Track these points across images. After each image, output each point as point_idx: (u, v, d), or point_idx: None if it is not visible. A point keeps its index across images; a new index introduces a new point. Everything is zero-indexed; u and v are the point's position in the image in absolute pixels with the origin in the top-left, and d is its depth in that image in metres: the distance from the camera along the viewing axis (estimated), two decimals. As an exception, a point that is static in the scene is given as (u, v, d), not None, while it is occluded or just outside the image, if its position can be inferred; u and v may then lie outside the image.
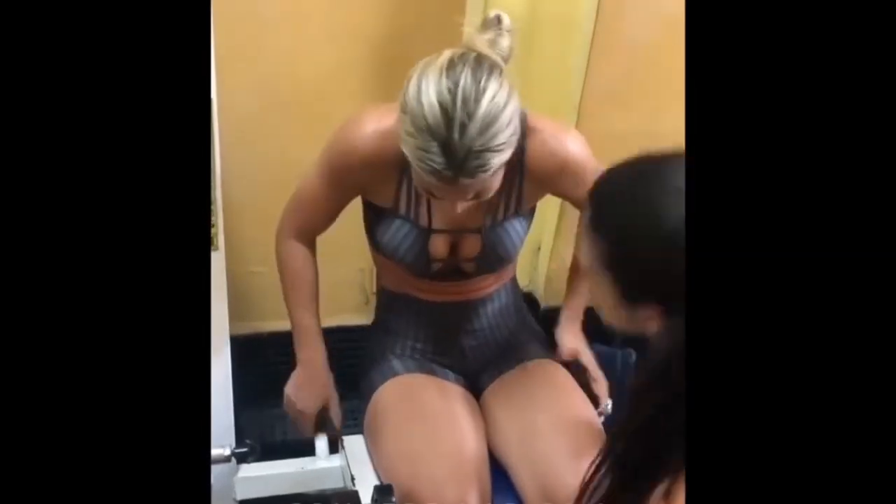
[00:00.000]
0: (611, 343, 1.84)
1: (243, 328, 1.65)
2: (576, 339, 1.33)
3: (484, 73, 0.93)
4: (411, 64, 0.98)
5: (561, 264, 1.38)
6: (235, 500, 1.25)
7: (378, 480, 1.16)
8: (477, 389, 1.31)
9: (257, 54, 1.49)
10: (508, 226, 1.18)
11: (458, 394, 1.27)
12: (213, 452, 1.18)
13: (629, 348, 1.82)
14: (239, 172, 1.45)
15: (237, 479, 1.24)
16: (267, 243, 1.24)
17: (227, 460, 1.21)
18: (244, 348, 1.56)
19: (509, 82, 0.96)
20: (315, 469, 1.25)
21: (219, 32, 1.26)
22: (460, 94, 0.92)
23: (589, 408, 1.26)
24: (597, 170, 1.16)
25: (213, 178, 1.30)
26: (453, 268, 1.21)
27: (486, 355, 1.32)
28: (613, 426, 0.85)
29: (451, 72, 0.93)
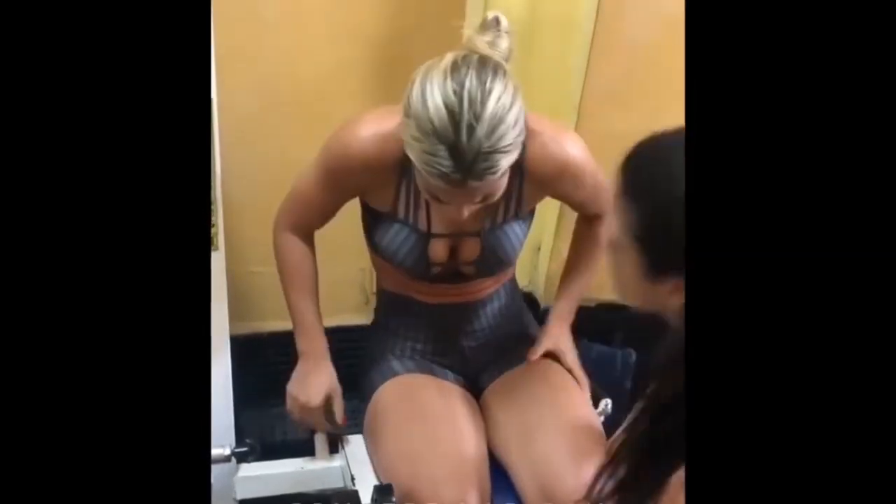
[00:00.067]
0: (611, 343, 1.85)
1: (243, 328, 1.65)
2: (560, 339, 1.31)
3: (489, 74, 0.92)
4: (411, 64, 0.97)
5: (561, 264, 1.37)
6: (235, 499, 1.25)
7: (378, 480, 1.15)
8: (477, 389, 1.31)
9: (257, 54, 1.49)
10: (508, 229, 1.18)
11: (458, 394, 1.27)
12: (213, 452, 1.18)
13: (629, 348, 1.83)
14: (239, 172, 1.45)
15: (237, 478, 1.24)
16: (267, 243, 1.24)
17: (228, 460, 1.21)
18: (244, 348, 1.56)
19: (514, 83, 0.95)
20: (315, 469, 1.26)
21: (219, 32, 1.26)
22: (466, 96, 0.90)
23: (589, 408, 1.26)
24: (596, 172, 1.17)
25: (213, 178, 1.30)
26: (453, 271, 1.20)
27: (486, 355, 1.32)
28: (638, 405, 0.84)
29: (455, 74, 0.92)
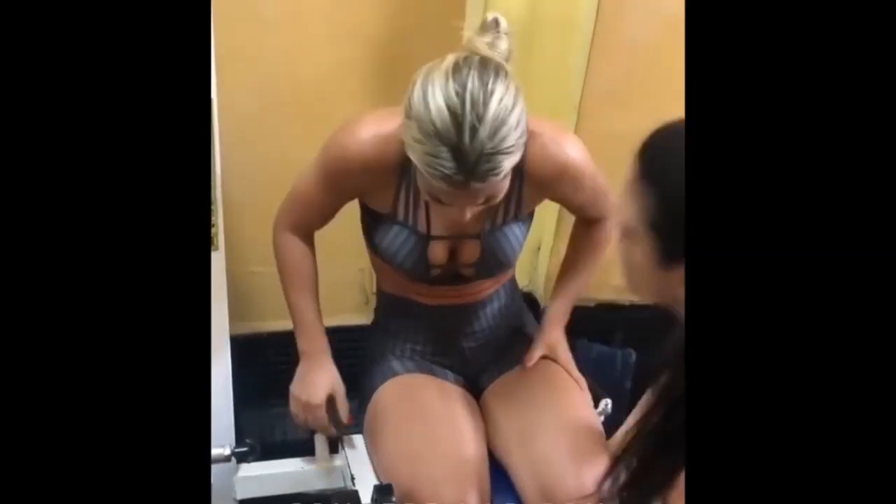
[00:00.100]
0: (611, 343, 1.85)
1: (243, 328, 1.65)
2: (555, 342, 1.31)
3: (491, 75, 0.92)
4: (411, 64, 0.97)
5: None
6: (235, 499, 1.25)
7: (378, 480, 1.15)
8: (477, 389, 1.31)
9: (257, 54, 1.49)
10: (507, 230, 1.17)
11: (458, 394, 1.27)
12: (213, 452, 1.19)
13: (629, 348, 1.83)
14: (239, 172, 1.45)
15: (237, 478, 1.24)
16: (267, 243, 1.24)
17: (228, 460, 1.21)
18: (244, 348, 1.56)
19: (515, 84, 0.95)
20: (315, 469, 1.26)
21: (219, 32, 1.26)
22: (468, 97, 0.90)
23: (589, 408, 1.26)
24: (595, 175, 1.16)
25: (213, 178, 1.30)
26: (452, 273, 1.20)
27: (486, 356, 1.31)
28: (649, 398, 0.84)
29: (457, 75, 0.91)
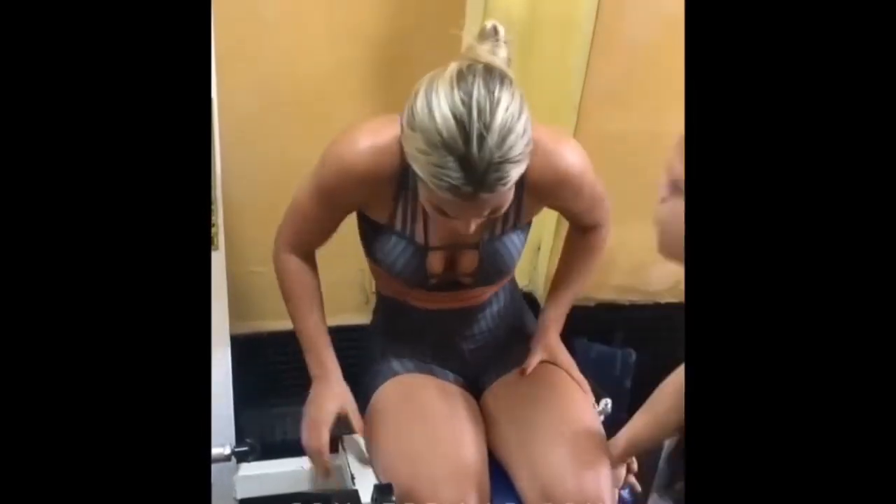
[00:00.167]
0: (611, 343, 1.85)
1: (243, 328, 1.65)
2: (553, 346, 1.30)
3: (496, 83, 0.90)
4: (411, 64, 0.97)
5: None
6: (236, 498, 1.25)
7: (378, 480, 1.15)
8: (477, 390, 1.31)
9: (257, 54, 1.49)
10: (507, 239, 1.16)
11: (458, 394, 1.27)
12: (213, 451, 1.19)
13: (629, 348, 1.83)
14: (239, 172, 1.45)
15: (237, 477, 1.24)
16: (267, 243, 1.24)
17: (228, 459, 1.21)
18: (244, 348, 1.56)
19: (519, 91, 0.93)
20: (315, 468, 1.25)
21: (219, 32, 1.26)
22: (475, 106, 0.88)
23: (589, 409, 1.26)
24: (594, 183, 1.15)
25: (213, 178, 1.30)
26: (451, 281, 1.19)
27: (486, 357, 1.31)
28: None
29: (462, 83, 0.90)
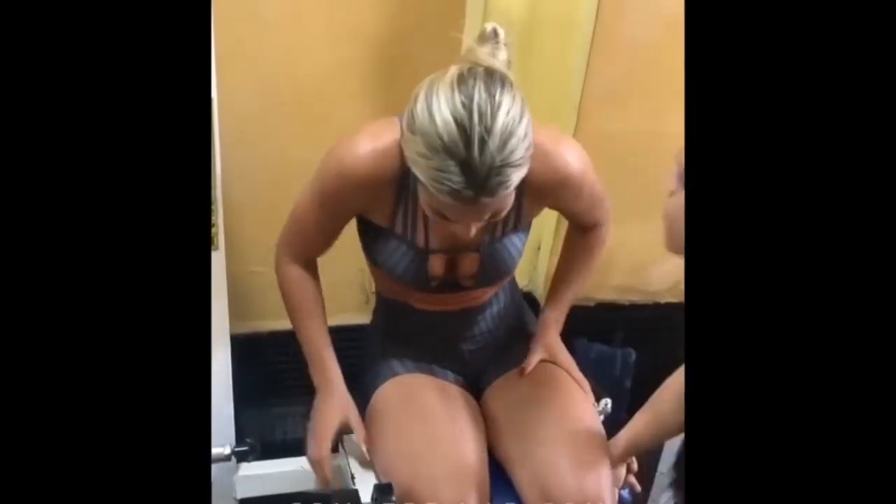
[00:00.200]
0: (611, 343, 1.85)
1: (243, 328, 1.65)
2: (552, 347, 1.30)
3: (497, 87, 0.90)
4: (411, 64, 0.97)
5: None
6: (236, 498, 1.25)
7: (378, 480, 1.15)
8: (477, 390, 1.31)
9: (257, 54, 1.49)
10: (507, 242, 1.15)
11: (458, 394, 1.27)
12: (213, 451, 1.19)
13: (629, 348, 1.83)
14: (239, 172, 1.45)
15: (237, 477, 1.24)
16: (267, 243, 1.24)
17: (228, 459, 1.21)
18: (244, 348, 1.56)
19: (520, 94, 0.92)
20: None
21: (219, 32, 1.26)
22: (476, 109, 0.87)
23: (590, 409, 1.26)
24: (594, 183, 1.15)
25: (213, 178, 1.30)
26: (452, 283, 1.19)
27: (486, 357, 1.31)
28: None
29: (462, 86, 0.89)
